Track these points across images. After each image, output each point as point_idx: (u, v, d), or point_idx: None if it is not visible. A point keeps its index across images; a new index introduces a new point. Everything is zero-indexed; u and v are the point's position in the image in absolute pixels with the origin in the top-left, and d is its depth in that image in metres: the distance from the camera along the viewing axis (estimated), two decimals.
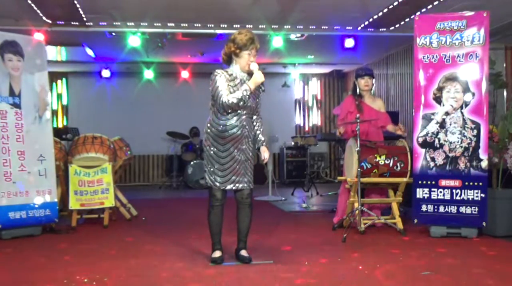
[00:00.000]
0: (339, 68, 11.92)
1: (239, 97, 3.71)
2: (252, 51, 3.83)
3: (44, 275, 3.60)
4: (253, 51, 3.84)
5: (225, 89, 3.73)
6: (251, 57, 3.84)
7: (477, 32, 4.87)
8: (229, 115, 3.80)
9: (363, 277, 3.49)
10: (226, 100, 3.70)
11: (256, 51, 3.87)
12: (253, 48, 3.83)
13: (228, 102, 3.70)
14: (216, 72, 3.83)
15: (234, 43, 3.84)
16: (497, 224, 4.90)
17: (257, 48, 3.87)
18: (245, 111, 3.83)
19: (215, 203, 3.89)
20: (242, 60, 3.84)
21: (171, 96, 11.58)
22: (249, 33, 3.85)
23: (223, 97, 3.71)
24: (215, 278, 3.47)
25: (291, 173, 11.42)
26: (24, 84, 5.22)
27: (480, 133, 4.83)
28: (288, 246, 4.54)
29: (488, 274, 3.57)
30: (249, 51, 3.82)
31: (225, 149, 3.82)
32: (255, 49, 3.85)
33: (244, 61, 3.83)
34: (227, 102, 3.70)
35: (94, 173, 5.64)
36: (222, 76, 3.80)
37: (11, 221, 4.99)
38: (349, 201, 5.19)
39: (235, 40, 3.84)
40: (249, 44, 3.81)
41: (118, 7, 6.53)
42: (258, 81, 3.79)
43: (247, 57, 3.82)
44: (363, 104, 5.51)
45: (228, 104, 3.71)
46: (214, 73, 3.83)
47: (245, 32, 3.86)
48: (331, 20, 7.32)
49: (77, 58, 10.04)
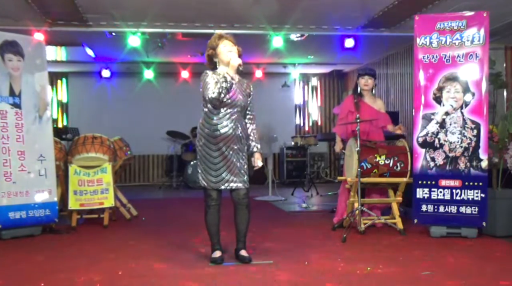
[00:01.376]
0: (339, 68, 11.92)
1: (220, 86, 3.73)
2: (225, 43, 3.90)
3: (44, 275, 3.59)
4: (226, 43, 3.91)
5: (212, 85, 3.76)
6: (228, 48, 3.90)
7: (477, 32, 4.87)
8: (220, 115, 3.82)
9: (363, 277, 3.49)
10: (211, 93, 3.73)
11: (232, 44, 3.93)
12: (224, 41, 3.91)
13: (213, 95, 3.73)
14: (205, 72, 3.89)
15: (208, 48, 3.98)
16: (497, 224, 4.90)
17: (231, 40, 3.94)
18: (235, 109, 3.86)
19: (211, 203, 3.90)
20: (221, 54, 3.91)
21: (171, 96, 11.57)
22: (216, 34, 4.01)
23: (209, 91, 3.75)
24: (215, 278, 3.47)
25: (291, 173, 11.42)
26: (24, 84, 5.22)
27: (480, 133, 4.83)
28: (288, 246, 4.54)
29: (488, 274, 3.57)
30: (221, 45, 3.90)
31: (217, 149, 3.84)
32: (228, 42, 3.92)
33: (223, 54, 3.90)
34: (212, 96, 3.73)
35: (94, 173, 5.64)
36: (210, 75, 3.84)
37: (11, 221, 4.99)
38: (349, 201, 5.19)
39: (207, 45, 3.98)
40: (217, 40, 3.93)
41: (118, 7, 6.53)
42: (234, 65, 3.84)
43: (224, 49, 3.90)
44: (363, 103, 5.51)
45: (213, 97, 3.74)
46: (203, 73, 3.89)
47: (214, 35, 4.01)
48: (331, 20, 7.32)
49: (77, 58, 10.04)
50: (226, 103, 3.82)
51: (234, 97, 3.85)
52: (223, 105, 3.81)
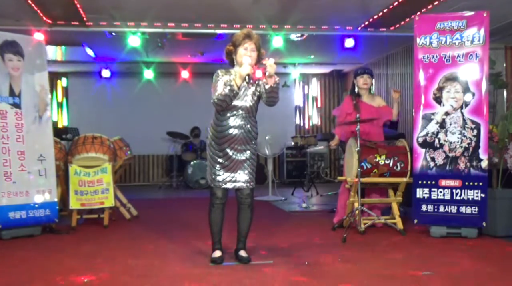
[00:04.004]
0: (339, 68, 11.93)
1: (224, 94, 3.69)
2: (247, 46, 3.78)
3: (44, 275, 3.59)
4: (249, 46, 3.78)
5: (220, 88, 3.73)
6: (247, 53, 3.78)
7: (477, 32, 4.87)
8: (227, 116, 3.81)
9: (363, 277, 3.49)
10: (215, 98, 3.71)
11: (255, 47, 3.80)
12: (248, 43, 3.77)
13: (216, 100, 3.71)
14: (217, 73, 3.84)
15: (231, 41, 3.85)
16: (497, 224, 4.90)
17: (256, 44, 3.80)
18: (241, 111, 3.83)
19: (216, 201, 3.90)
20: (239, 57, 3.81)
21: (171, 96, 11.57)
22: (246, 30, 3.83)
23: (213, 95, 3.73)
24: (215, 278, 3.47)
25: (291, 173, 11.42)
26: (24, 84, 5.22)
27: (480, 133, 4.83)
28: (288, 246, 4.54)
29: (488, 274, 3.57)
30: (243, 47, 3.78)
31: (221, 149, 3.84)
32: (251, 45, 3.78)
33: (240, 57, 3.79)
34: (215, 101, 3.71)
35: (94, 173, 5.64)
36: (221, 77, 3.80)
37: (11, 221, 4.99)
38: (349, 201, 5.19)
39: (232, 39, 3.85)
40: (241, 39, 3.78)
41: (118, 7, 6.53)
42: (242, 74, 3.71)
43: (243, 52, 3.78)
44: (362, 103, 5.50)
45: (216, 102, 3.72)
46: (215, 73, 3.84)
47: (243, 30, 3.86)
48: (331, 20, 7.32)
49: (77, 58, 10.04)
50: (232, 106, 3.79)
51: (240, 101, 3.82)
52: (229, 107, 3.80)
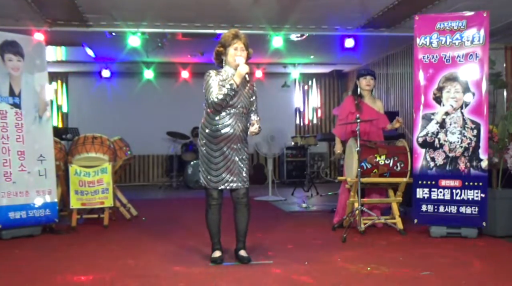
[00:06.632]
0: (339, 68, 11.92)
1: (225, 93, 3.72)
2: (237, 46, 3.83)
3: (44, 275, 3.60)
4: (238, 46, 3.84)
5: (215, 88, 3.76)
6: (237, 52, 3.83)
7: (477, 32, 4.87)
8: (221, 115, 3.82)
9: (363, 277, 3.49)
10: (215, 98, 3.72)
11: (244, 46, 3.86)
12: (237, 43, 3.84)
13: (215, 100, 3.73)
14: (208, 73, 3.86)
15: (219, 43, 3.90)
16: (497, 224, 4.90)
17: (244, 43, 3.86)
18: (236, 110, 3.84)
19: (212, 202, 3.91)
20: (229, 57, 3.86)
21: (171, 96, 11.57)
22: (233, 30, 3.90)
23: (212, 95, 3.74)
24: (215, 278, 3.47)
25: (291, 173, 11.41)
26: (24, 84, 5.22)
27: (480, 133, 4.83)
28: (288, 246, 4.54)
29: (488, 274, 3.57)
30: (233, 47, 3.83)
31: (218, 148, 3.84)
32: (241, 44, 3.85)
33: (231, 57, 3.85)
34: (215, 100, 3.73)
35: (94, 173, 5.64)
36: (213, 76, 3.82)
37: (11, 221, 4.99)
38: (349, 201, 5.19)
39: (220, 40, 3.91)
40: (231, 39, 3.84)
41: (118, 7, 6.53)
42: (241, 73, 3.77)
43: (233, 52, 3.84)
44: (363, 104, 5.51)
45: (216, 102, 3.73)
46: (206, 73, 3.87)
47: (230, 30, 3.92)
48: (331, 20, 7.32)
49: (77, 58, 10.04)
50: (227, 105, 3.81)
51: (236, 99, 3.83)
52: (225, 106, 3.81)
